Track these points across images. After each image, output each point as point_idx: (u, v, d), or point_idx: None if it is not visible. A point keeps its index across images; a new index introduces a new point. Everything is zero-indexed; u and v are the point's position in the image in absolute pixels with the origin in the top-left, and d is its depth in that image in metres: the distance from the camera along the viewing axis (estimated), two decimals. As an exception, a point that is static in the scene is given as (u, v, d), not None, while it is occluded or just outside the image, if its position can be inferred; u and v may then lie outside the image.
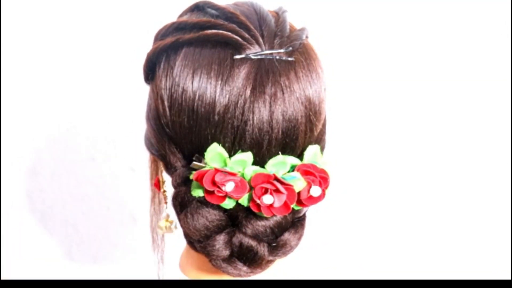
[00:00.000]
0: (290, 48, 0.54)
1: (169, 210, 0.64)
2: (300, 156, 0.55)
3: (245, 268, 0.56)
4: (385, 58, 1.06)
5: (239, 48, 0.53)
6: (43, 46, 1.01)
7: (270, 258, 0.57)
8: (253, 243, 0.55)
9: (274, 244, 0.56)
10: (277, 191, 0.53)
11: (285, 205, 0.53)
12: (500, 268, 1.15)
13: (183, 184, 0.55)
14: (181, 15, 0.60)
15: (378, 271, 1.14)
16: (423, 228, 1.14)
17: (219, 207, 0.54)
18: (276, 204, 0.53)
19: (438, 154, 1.11)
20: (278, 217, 0.55)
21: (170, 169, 0.57)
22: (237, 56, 0.52)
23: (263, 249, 0.55)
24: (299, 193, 0.55)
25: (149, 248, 0.74)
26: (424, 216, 1.13)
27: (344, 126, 1.07)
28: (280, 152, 0.54)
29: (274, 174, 0.53)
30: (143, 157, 0.67)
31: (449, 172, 1.12)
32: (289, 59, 0.54)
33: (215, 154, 0.52)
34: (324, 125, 0.59)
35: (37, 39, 1.01)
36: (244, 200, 0.54)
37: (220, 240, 0.55)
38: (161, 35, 0.57)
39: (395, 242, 1.14)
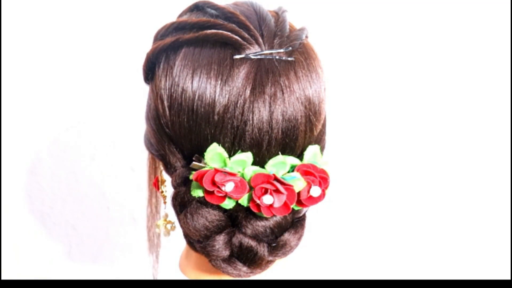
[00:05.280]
0: (290, 48, 0.54)
1: (168, 210, 0.64)
2: (300, 156, 0.55)
3: (245, 269, 0.56)
4: (385, 58, 1.06)
5: (238, 48, 0.53)
6: (43, 46, 1.01)
7: (270, 258, 0.57)
8: (253, 243, 0.55)
9: (274, 245, 0.56)
10: (277, 191, 0.52)
11: (285, 205, 0.53)
12: (500, 268, 1.15)
13: (183, 184, 0.55)
14: (180, 15, 0.60)
15: (378, 271, 1.14)
16: (423, 228, 1.14)
17: (219, 207, 0.54)
18: (276, 204, 0.53)
19: (438, 154, 1.11)
20: (278, 217, 0.55)
21: (169, 169, 0.57)
22: (237, 56, 0.52)
23: (263, 250, 0.55)
24: (299, 193, 0.54)
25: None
26: (424, 216, 1.13)
27: (344, 126, 1.07)
28: (280, 152, 0.54)
29: (274, 174, 0.53)
30: (143, 157, 0.67)
31: (449, 172, 1.12)
32: (289, 59, 0.53)
33: (215, 154, 0.52)
34: (324, 125, 0.59)
35: (38, 39, 1.00)
36: (244, 200, 0.53)
37: (220, 241, 0.54)
38: (161, 35, 0.57)
39: (395, 242, 1.14)
